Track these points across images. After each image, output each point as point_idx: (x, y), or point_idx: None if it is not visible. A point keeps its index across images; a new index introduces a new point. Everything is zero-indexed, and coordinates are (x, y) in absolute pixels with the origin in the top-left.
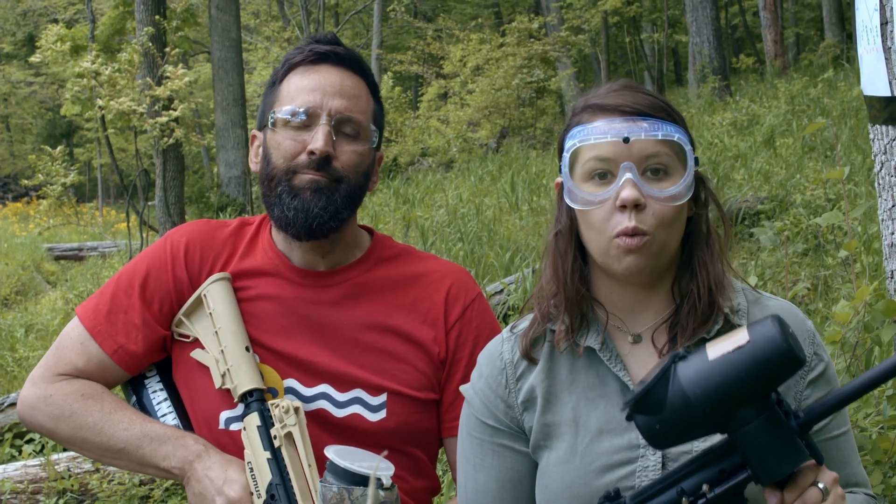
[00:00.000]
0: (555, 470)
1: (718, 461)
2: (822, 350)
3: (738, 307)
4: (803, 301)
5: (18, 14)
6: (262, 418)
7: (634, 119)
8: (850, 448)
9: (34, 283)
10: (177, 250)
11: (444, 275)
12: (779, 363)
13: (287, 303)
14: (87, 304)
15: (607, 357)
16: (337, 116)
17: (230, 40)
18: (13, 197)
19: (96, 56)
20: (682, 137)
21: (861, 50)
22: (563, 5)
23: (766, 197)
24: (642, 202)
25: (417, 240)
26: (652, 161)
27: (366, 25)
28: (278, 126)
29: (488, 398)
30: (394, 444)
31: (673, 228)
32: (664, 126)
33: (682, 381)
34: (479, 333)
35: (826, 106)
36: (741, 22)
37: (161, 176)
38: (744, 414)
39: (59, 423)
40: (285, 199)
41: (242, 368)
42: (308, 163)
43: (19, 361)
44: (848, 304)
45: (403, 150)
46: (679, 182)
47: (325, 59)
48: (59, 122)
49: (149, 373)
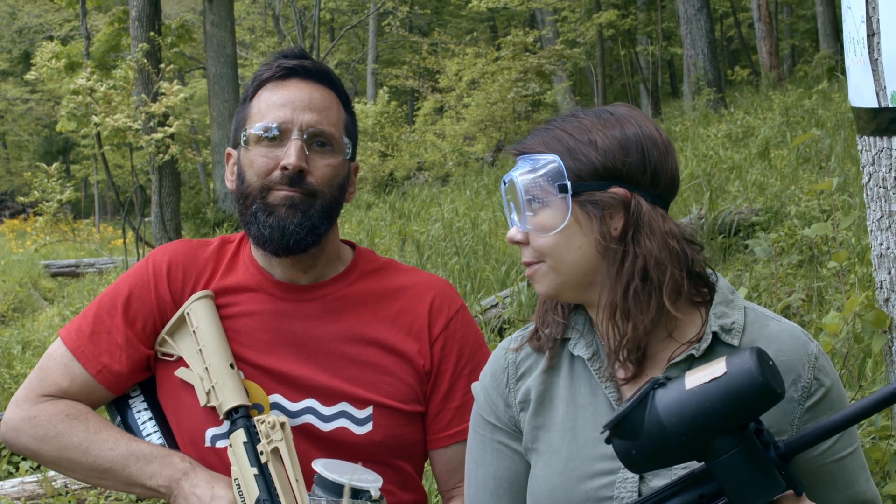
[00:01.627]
0: (540, 473)
1: (698, 485)
2: (824, 374)
3: (732, 326)
4: (798, 312)
5: (14, 31)
6: (248, 434)
7: (521, 158)
8: (858, 466)
9: (31, 299)
10: (159, 269)
11: (427, 287)
12: (754, 396)
13: (270, 318)
14: (70, 326)
15: (596, 368)
16: (309, 130)
17: (225, 56)
18: (10, 214)
19: (91, 73)
20: (529, 175)
21: (848, 62)
22: (558, 19)
23: (761, 208)
24: (520, 238)
25: (413, 254)
26: (526, 196)
27: (361, 40)
28: (251, 143)
29: (490, 395)
30: (381, 457)
31: (557, 256)
32: (525, 163)
33: (659, 409)
34: (464, 345)
35: (821, 117)
36: (736, 34)
37: (157, 192)
38: (720, 444)
39: (44, 444)
40: (261, 217)
41: (227, 385)
42: (281, 178)
43: (16, 378)
44: (838, 315)
45: (399, 164)
46: (546, 213)
47: (294, 74)
48: (56, 139)
49: (133, 393)
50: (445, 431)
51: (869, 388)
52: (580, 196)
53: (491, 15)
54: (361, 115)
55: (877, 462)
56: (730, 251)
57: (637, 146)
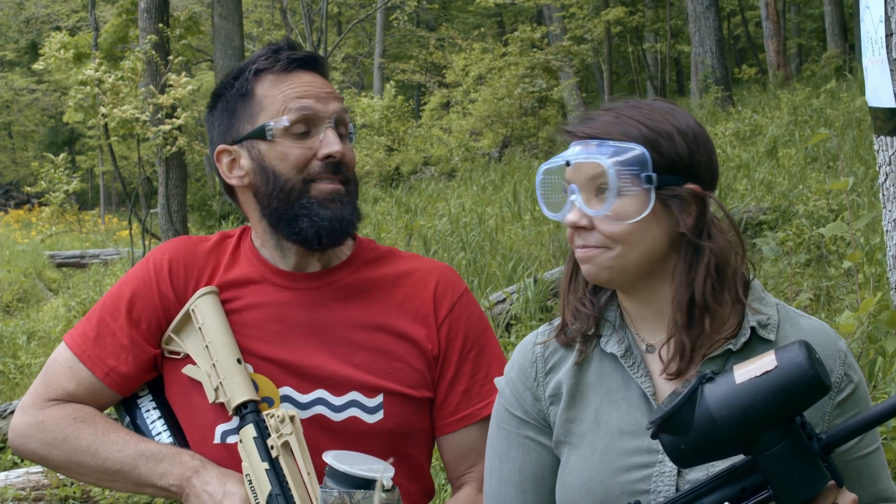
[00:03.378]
0: (574, 466)
1: (740, 479)
2: (853, 370)
3: (769, 321)
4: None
5: (21, 21)
6: (257, 429)
7: (586, 142)
8: (880, 464)
9: (36, 290)
10: (160, 268)
11: (430, 272)
12: (805, 389)
13: (276, 309)
14: (75, 331)
15: (629, 364)
16: (334, 118)
17: (233, 48)
18: (15, 204)
19: (99, 64)
20: (617, 162)
21: (866, 61)
22: (566, 15)
23: (769, 207)
24: (584, 224)
25: (420, 248)
26: (598, 181)
27: (368, 34)
28: (277, 137)
29: (518, 389)
30: (392, 446)
31: (629, 244)
32: (604, 148)
33: (709, 403)
34: (469, 328)
35: (829, 116)
36: (744, 32)
37: (164, 184)
38: (768, 437)
39: (53, 449)
40: (316, 209)
41: (235, 380)
42: (324, 168)
43: (21, 368)
44: (852, 315)
45: (406, 158)
46: (627, 202)
47: (298, 65)
48: (62, 130)
49: (141, 392)
50: (453, 416)
51: (882, 388)
52: (662, 189)
53: (498, 11)
54: (368, 110)
55: (889, 462)
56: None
57: (704, 143)
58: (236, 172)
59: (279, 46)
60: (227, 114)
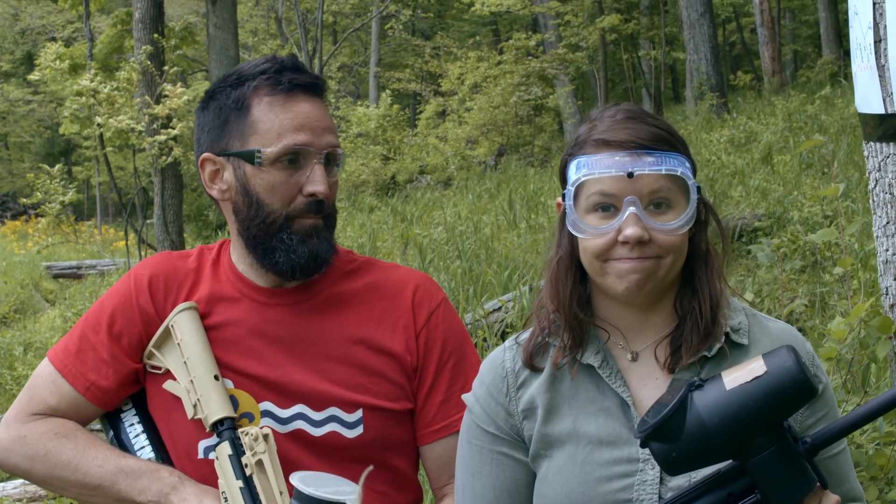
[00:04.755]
0: (555, 478)
1: (726, 485)
2: (821, 371)
3: (740, 326)
4: (800, 318)
5: (17, 32)
6: (233, 447)
7: (638, 153)
8: (848, 465)
9: (33, 301)
10: (140, 283)
11: (407, 282)
12: (796, 393)
13: (255, 325)
14: (57, 346)
15: (607, 374)
16: (325, 152)
17: (228, 58)
18: (12, 215)
19: (95, 74)
20: (685, 171)
21: (855, 67)
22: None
23: (764, 214)
24: (646, 238)
25: (416, 257)
26: (656, 195)
27: (364, 43)
28: (266, 164)
29: (489, 405)
30: (375, 457)
31: (676, 256)
32: (667, 159)
33: (700, 410)
34: (447, 338)
35: (823, 123)
36: (739, 39)
37: (160, 194)
38: (759, 442)
39: (35, 464)
40: (294, 245)
41: (212, 398)
42: (308, 206)
43: (18, 379)
44: (844, 321)
45: (402, 167)
46: (682, 215)
47: (301, 89)
48: (58, 141)
49: (125, 406)
50: (430, 427)
51: (873, 395)
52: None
53: (493, 19)
54: (364, 119)
55: (881, 468)
56: (732, 256)
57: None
58: (218, 185)
59: (283, 66)
60: (219, 122)
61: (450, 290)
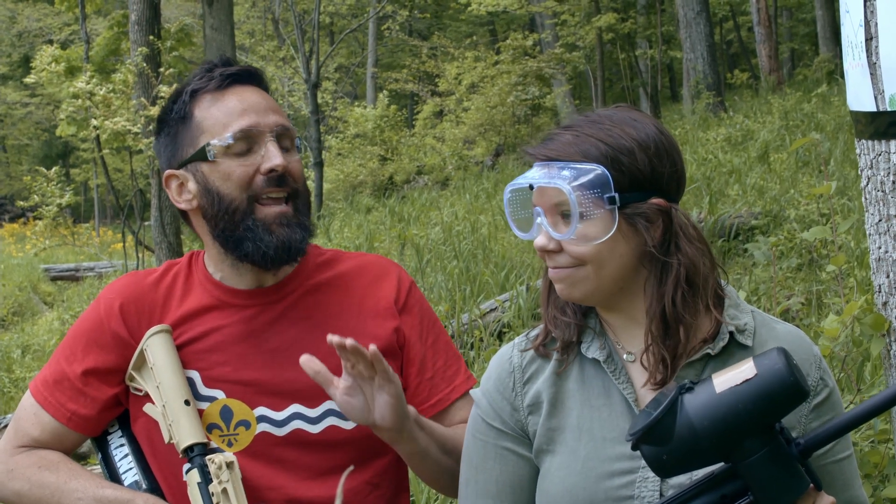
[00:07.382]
0: (557, 474)
1: (719, 486)
2: (828, 375)
3: (745, 327)
4: (797, 316)
5: (14, 35)
6: (201, 474)
7: (549, 164)
8: (853, 471)
9: (31, 303)
10: (111, 308)
11: (377, 267)
12: (785, 396)
13: (238, 330)
14: (38, 377)
15: (612, 369)
16: (275, 130)
17: None
18: (9, 218)
19: (91, 76)
20: (580, 185)
21: (847, 65)
22: (558, 22)
23: (760, 212)
24: (552, 247)
25: (413, 257)
26: (562, 206)
27: (361, 44)
28: (218, 156)
29: (495, 400)
30: (375, 448)
31: (598, 263)
32: (565, 172)
33: (690, 413)
34: (423, 317)
35: (820, 121)
36: (736, 37)
37: (157, 196)
38: (749, 444)
39: (22, 498)
40: (260, 235)
41: (181, 423)
42: (267, 182)
43: (16, 382)
44: (837, 319)
45: (399, 168)
46: (591, 224)
47: (234, 81)
48: (55, 143)
49: (111, 429)
50: (426, 403)
51: (868, 392)
52: (625, 208)
53: (490, 19)
54: (361, 119)
55: (875, 465)
56: (729, 255)
57: (667, 154)
58: (185, 196)
59: (213, 64)
60: (171, 139)
61: (447, 290)
